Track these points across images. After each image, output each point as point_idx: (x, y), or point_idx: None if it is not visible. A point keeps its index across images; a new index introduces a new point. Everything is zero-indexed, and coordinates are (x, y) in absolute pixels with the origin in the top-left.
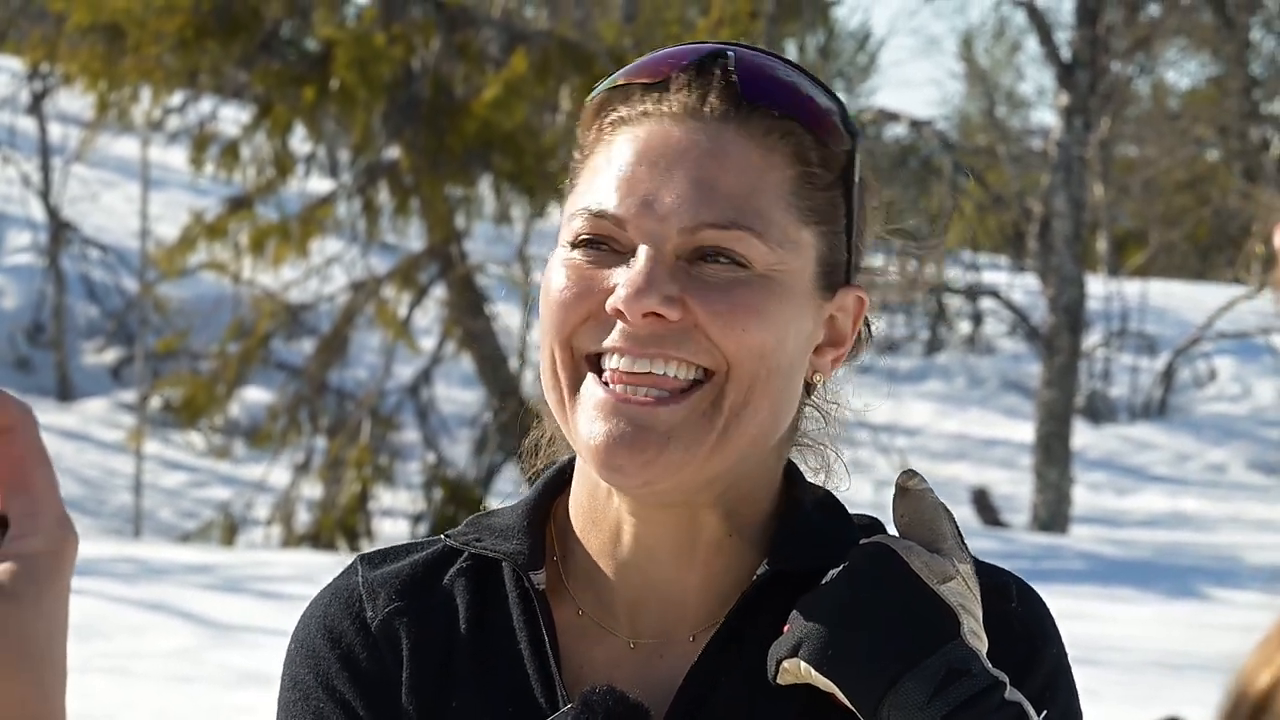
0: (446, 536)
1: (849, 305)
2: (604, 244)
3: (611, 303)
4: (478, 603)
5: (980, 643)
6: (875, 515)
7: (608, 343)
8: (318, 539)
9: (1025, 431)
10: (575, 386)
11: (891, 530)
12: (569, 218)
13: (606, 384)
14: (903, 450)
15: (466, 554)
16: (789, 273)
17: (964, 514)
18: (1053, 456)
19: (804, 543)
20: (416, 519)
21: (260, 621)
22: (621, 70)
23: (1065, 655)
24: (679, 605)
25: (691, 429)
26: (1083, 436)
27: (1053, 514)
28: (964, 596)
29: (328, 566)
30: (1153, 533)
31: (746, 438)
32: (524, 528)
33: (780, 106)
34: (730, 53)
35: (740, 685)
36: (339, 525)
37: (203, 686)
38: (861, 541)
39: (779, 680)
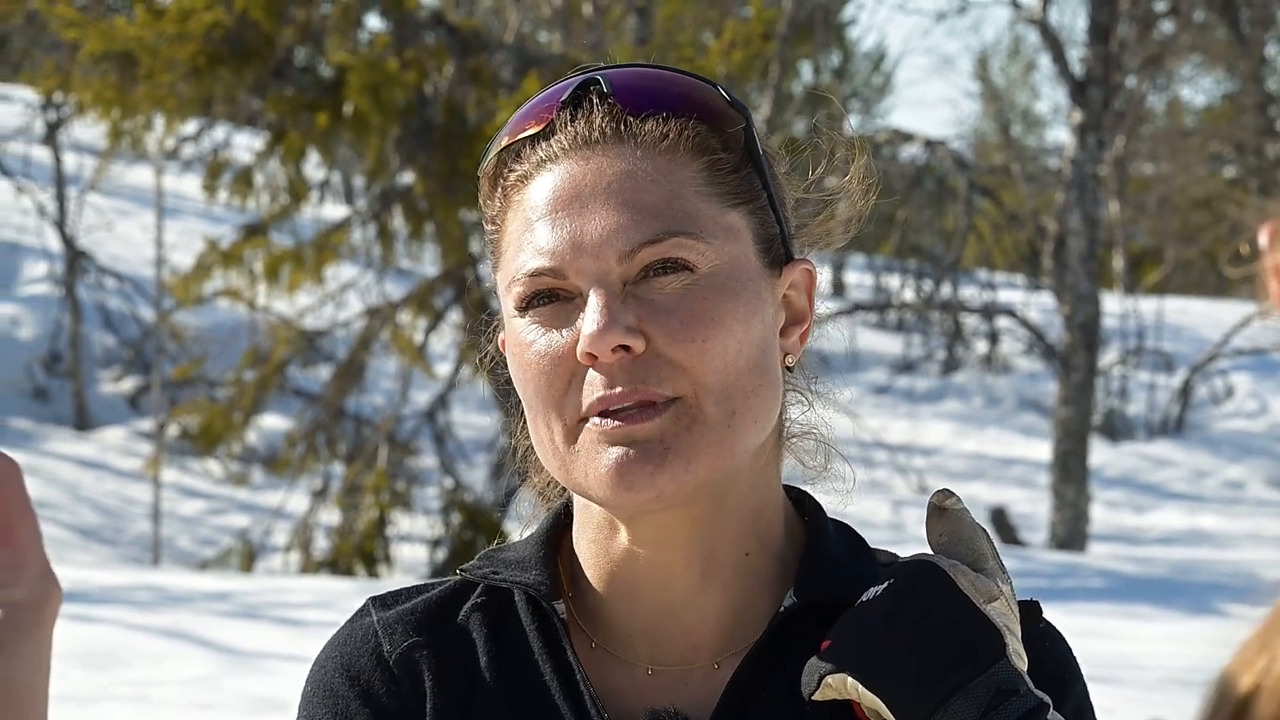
0: (462, 571)
1: (800, 280)
2: (551, 298)
3: (582, 349)
4: (495, 635)
5: (1022, 663)
6: (892, 538)
7: (590, 401)
8: (336, 565)
9: (1043, 450)
10: (572, 441)
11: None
12: (507, 289)
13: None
14: (920, 470)
15: (480, 589)
16: (733, 261)
17: None
18: (1070, 475)
19: (830, 572)
20: (434, 544)
21: (279, 648)
22: (503, 130)
23: (1086, 686)
24: (697, 633)
25: (683, 440)
26: (1100, 454)
27: (1071, 532)
28: (1007, 617)
29: (346, 593)
30: (1171, 550)
31: (746, 435)
32: (540, 559)
33: (665, 107)
34: (598, 75)
35: (775, 710)
36: (357, 551)
37: (222, 714)
38: (905, 558)
39: (819, 696)
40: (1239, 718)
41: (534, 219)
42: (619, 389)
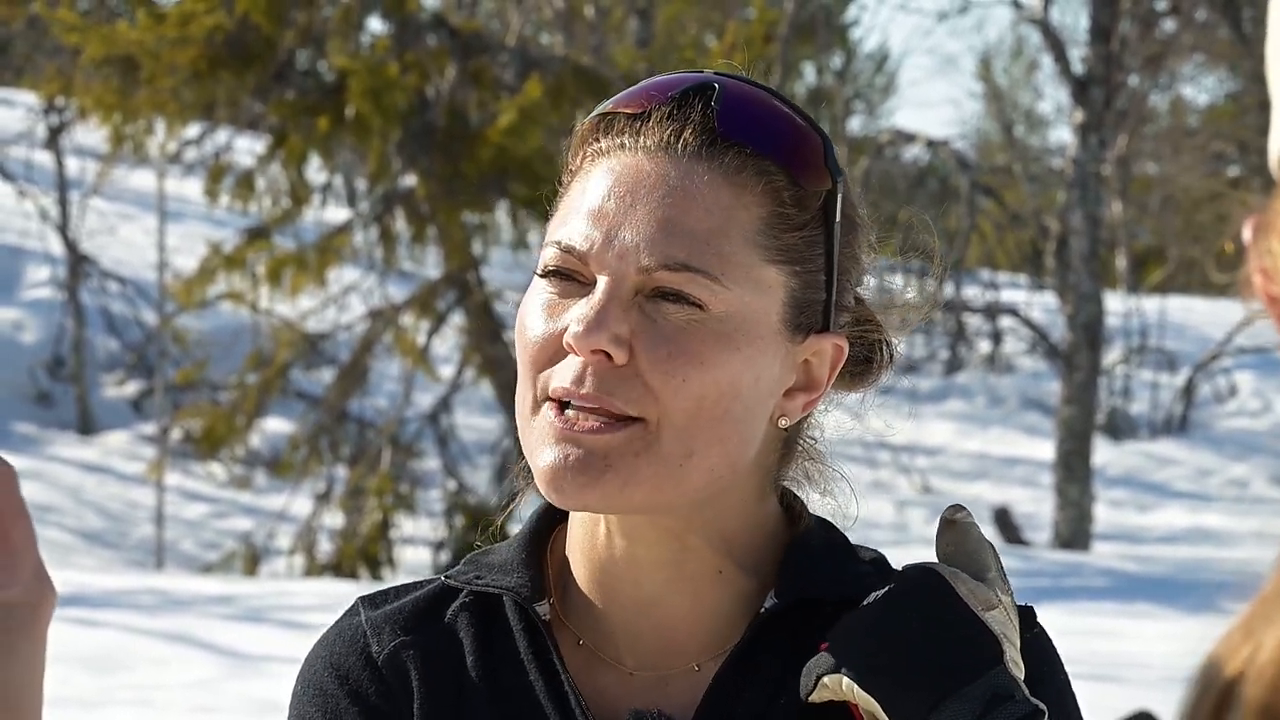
0: (446, 577)
1: (826, 350)
2: (570, 276)
3: (565, 337)
4: (483, 635)
5: (1019, 672)
6: (877, 548)
7: (556, 386)
8: (340, 568)
9: (1046, 449)
10: (535, 412)
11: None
12: (545, 245)
13: (563, 408)
14: (923, 470)
15: (466, 590)
16: (750, 314)
17: (986, 532)
18: (1074, 474)
19: (811, 575)
20: (438, 546)
21: (283, 651)
22: (614, 97)
23: (1070, 684)
24: (672, 632)
25: (628, 463)
26: (1103, 453)
27: (1074, 531)
28: (1005, 626)
29: (350, 595)
30: (1175, 549)
31: (697, 478)
32: (522, 561)
33: (755, 143)
34: (716, 85)
35: (758, 711)
36: (361, 554)
37: (225, 717)
38: (906, 565)
39: (815, 696)
40: (1223, 705)
41: (589, 198)
42: (585, 390)
